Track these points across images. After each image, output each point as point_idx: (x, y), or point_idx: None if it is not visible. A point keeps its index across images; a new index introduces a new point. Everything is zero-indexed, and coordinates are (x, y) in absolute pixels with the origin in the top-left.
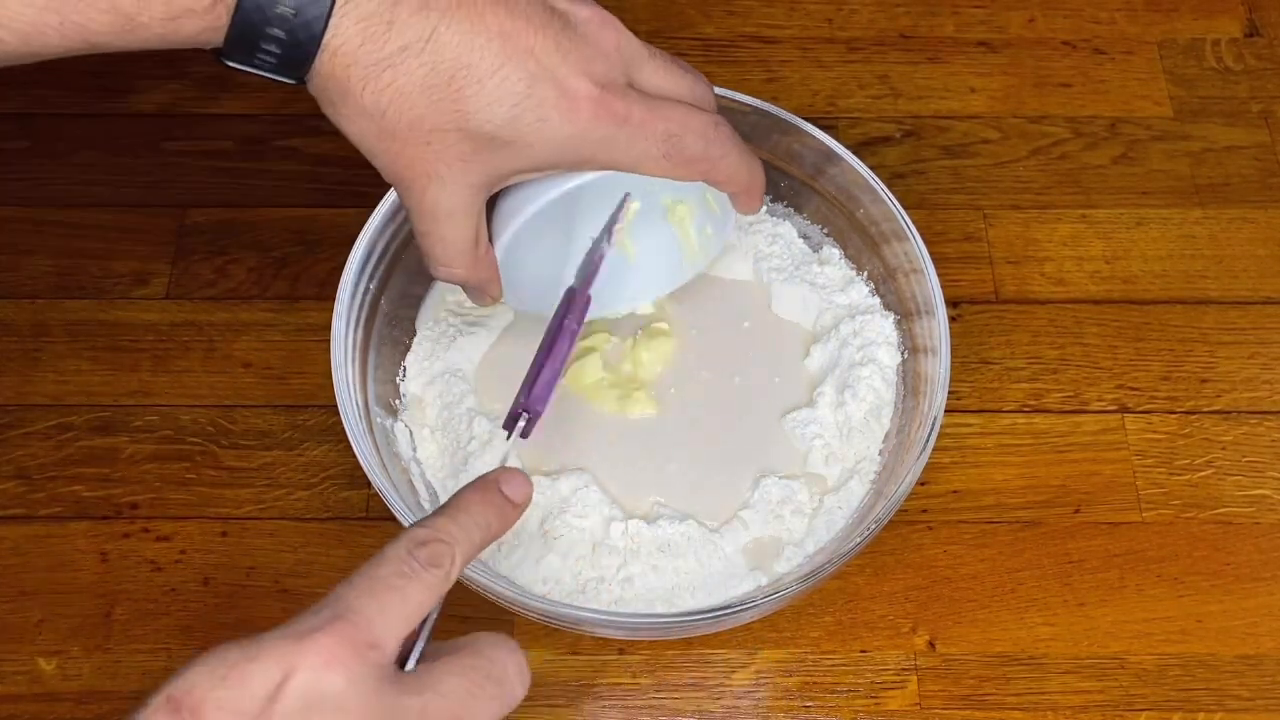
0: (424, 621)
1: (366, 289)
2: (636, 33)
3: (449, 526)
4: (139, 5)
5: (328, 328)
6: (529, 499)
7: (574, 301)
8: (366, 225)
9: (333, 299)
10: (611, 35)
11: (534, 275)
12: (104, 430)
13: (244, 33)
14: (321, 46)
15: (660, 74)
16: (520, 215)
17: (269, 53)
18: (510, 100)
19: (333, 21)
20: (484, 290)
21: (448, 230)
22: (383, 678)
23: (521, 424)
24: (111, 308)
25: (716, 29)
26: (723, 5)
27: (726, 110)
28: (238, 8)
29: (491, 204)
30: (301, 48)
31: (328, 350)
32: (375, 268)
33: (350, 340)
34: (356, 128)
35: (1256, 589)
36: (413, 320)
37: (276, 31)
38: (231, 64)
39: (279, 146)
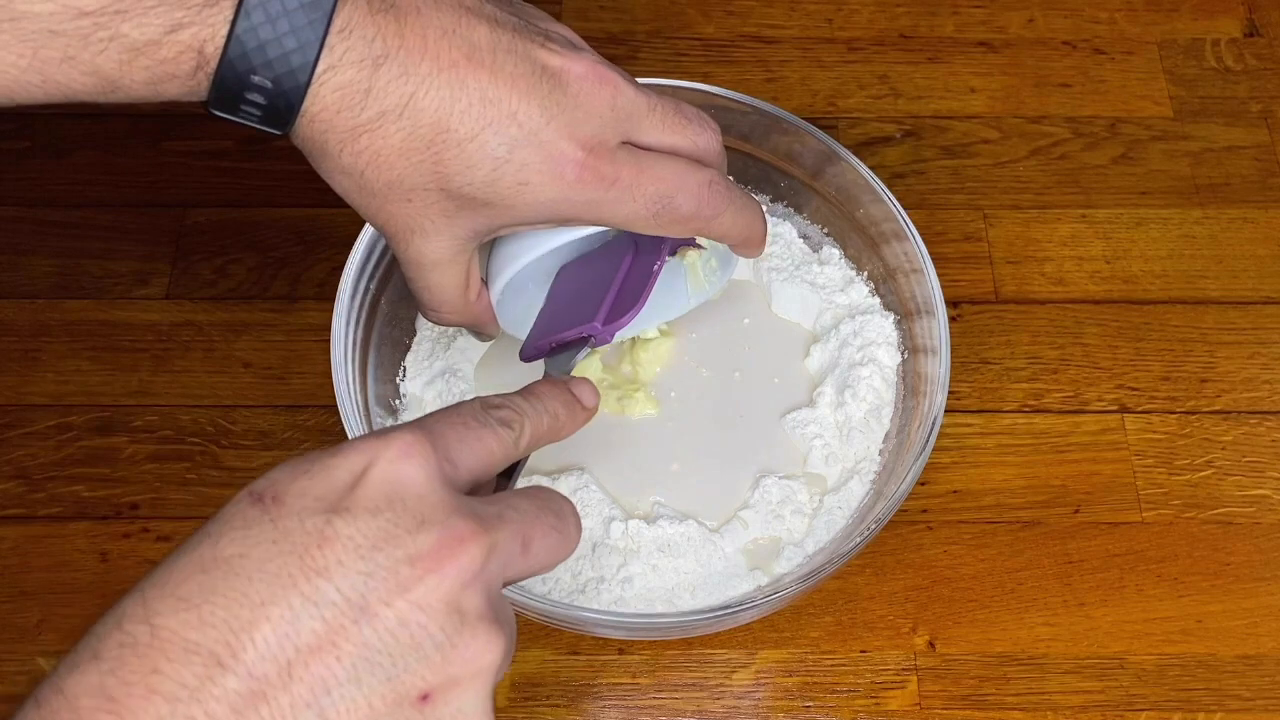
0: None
1: (366, 289)
2: (636, 33)
3: (519, 401)
4: (121, 71)
5: (328, 328)
6: (596, 408)
7: (660, 243)
8: (366, 225)
9: (333, 299)
10: (607, 93)
11: (532, 304)
12: (104, 430)
13: (224, 97)
14: (300, 113)
15: (660, 128)
16: (517, 262)
17: (250, 114)
18: (489, 164)
19: (311, 90)
20: (479, 331)
21: (435, 279)
22: (456, 487)
23: (584, 352)
24: (111, 308)
25: (716, 29)
26: (723, 5)
27: (727, 110)
28: (217, 76)
29: (491, 243)
30: (280, 113)
31: (328, 350)
32: (375, 268)
33: (350, 340)
34: (337, 183)
35: (1256, 589)
36: (413, 320)
37: (256, 98)
38: (217, 114)
39: (279, 146)
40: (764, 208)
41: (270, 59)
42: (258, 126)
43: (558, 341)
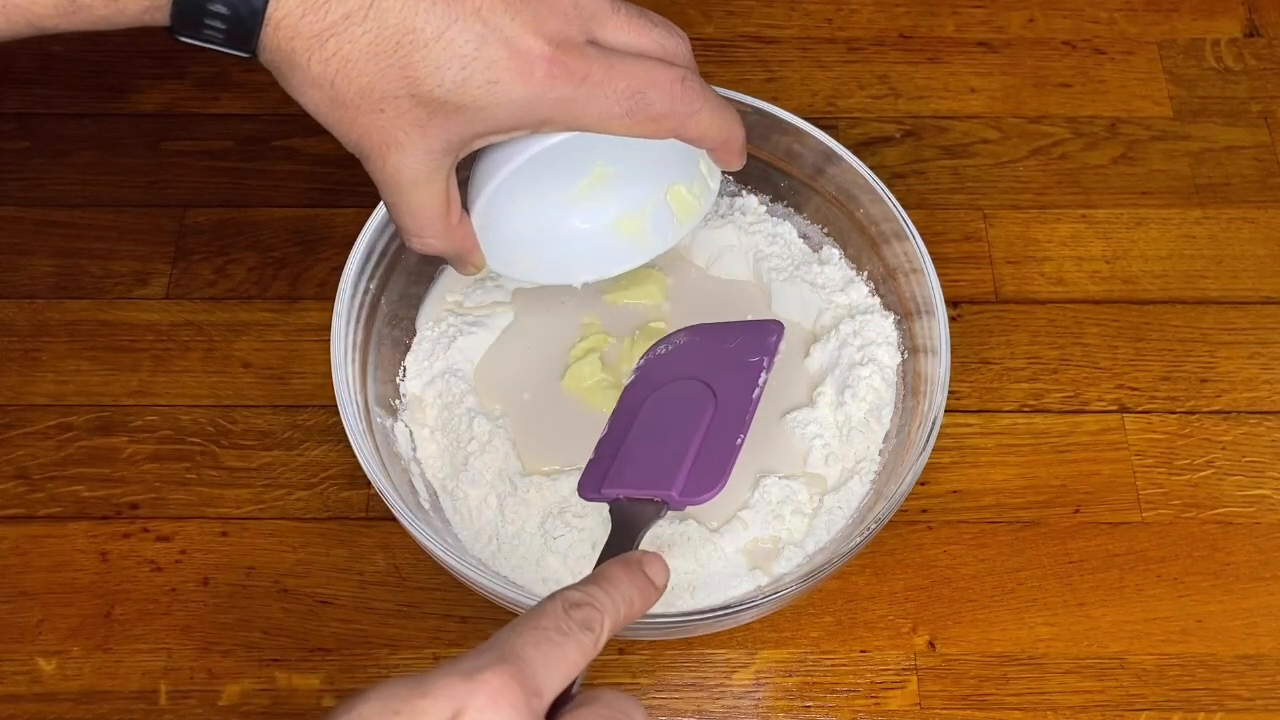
0: (570, 685)
1: (366, 289)
2: None
3: (600, 595)
4: None
5: (328, 328)
6: (667, 585)
7: (743, 409)
8: (366, 225)
9: (333, 299)
10: None
11: (517, 237)
12: (104, 430)
13: (186, 12)
14: (265, 19)
15: (625, 28)
16: (494, 178)
17: (215, 28)
18: (458, 63)
19: None
20: (464, 260)
21: (415, 199)
22: (542, 715)
23: (657, 518)
24: (111, 308)
25: (716, 29)
26: (723, 5)
27: None
28: None
29: (467, 171)
30: (245, 22)
31: (328, 350)
32: (375, 268)
33: (350, 340)
34: (309, 99)
35: (1256, 589)
36: (413, 320)
37: (219, 8)
38: (183, 39)
39: (279, 146)
40: (764, 208)
41: None
42: (225, 50)
43: (628, 496)
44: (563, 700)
